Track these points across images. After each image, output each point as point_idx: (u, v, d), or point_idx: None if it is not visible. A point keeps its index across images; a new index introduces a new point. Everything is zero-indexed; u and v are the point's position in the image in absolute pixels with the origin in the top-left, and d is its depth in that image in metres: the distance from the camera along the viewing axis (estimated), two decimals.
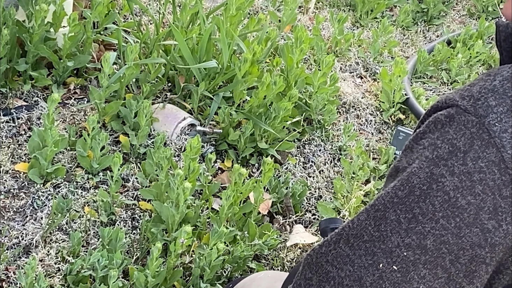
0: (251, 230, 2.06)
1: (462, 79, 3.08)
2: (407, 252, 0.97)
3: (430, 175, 0.96)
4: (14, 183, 2.05)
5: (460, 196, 0.95)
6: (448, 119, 0.97)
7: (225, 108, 2.37)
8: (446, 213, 0.95)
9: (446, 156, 0.96)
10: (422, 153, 0.98)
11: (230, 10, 2.48)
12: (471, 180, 0.94)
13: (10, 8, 2.23)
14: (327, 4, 3.42)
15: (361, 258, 1.00)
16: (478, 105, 0.96)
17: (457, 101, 0.98)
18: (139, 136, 2.23)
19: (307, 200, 2.34)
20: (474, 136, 0.95)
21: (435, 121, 0.99)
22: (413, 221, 0.97)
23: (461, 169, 0.95)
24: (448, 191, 0.95)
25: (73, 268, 1.82)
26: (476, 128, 0.95)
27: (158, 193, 2.05)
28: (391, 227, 0.98)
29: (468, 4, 3.77)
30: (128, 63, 2.26)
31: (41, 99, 2.31)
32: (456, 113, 0.97)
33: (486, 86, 0.98)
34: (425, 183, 0.97)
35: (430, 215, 0.96)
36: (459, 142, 0.95)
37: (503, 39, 1.06)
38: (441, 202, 0.95)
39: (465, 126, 0.96)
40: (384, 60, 3.10)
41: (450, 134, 0.96)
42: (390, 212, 0.98)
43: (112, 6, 2.60)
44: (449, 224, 0.95)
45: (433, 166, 0.97)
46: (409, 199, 0.97)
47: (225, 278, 1.97)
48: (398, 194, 0.99)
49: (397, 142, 2.58)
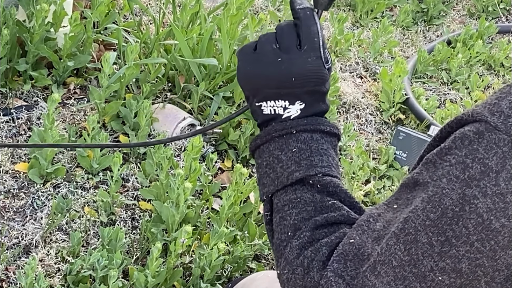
0: (251, 230, 2.06)
1: (462, 79, 3.08)
2: (442, 277, 0.94)
3: (462, 196, 0.93)
4: (14, 183, 2.05)
5: (494, 218, 0.92)
6: (477, 136, 0.94)
7: (225, 108, 2.37)
8: (480, 236, 0.92)
9: (478, 176, 0.93)
10: (449, 171, 0.95)
11: (231, 9, 2.48)
12: (504, 201, 0.92)
13: (11, 8, 2.23)
14: None
15: (389, 284, 0.96)
16: (509, 122, 0.93)
17: (487, 116, 0.94)
18: (139, 136, 2.23)
19: None
20: (506, 156, 0.92)
21: (462, 137, 0.95)
22: (446, 244, 0.94)
23: (494, 190, 0.92)
24: (482, 213, 0.92)
25: (73, 268, 1.82)
26: (508, 147, 0.92)
27: (158, 193, 2.05)
28: (423, 250, 0.94)
29: (468, 4, 3.77)
30: (128, 63, 2.26)
31: (41, 99, 2.31)
32: (486, 130, 0.94)
33: None
34: (457, 205, 0.93)
35: (465, 238, 0.93)
36: (491, 162, 0.92)
37: None
38: (474, 225, 0.92)
39: (496, 145, 0.93)
40: (384, 60, 3.10)
41: (480, 153, 0.93)
42: (421, 235, 0.95)
43: (112, 6, 2.60)
44: (483, 247, 0.93)
45: (465, 187, 0.93)
46: (441, 221, 0.94)
47: (225, 278, 1.97)
48: (430, 216, 0.95)
49: (397, 142, 2.58)
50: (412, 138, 2.56)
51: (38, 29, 2.23)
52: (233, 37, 2.45)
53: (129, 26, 2.63)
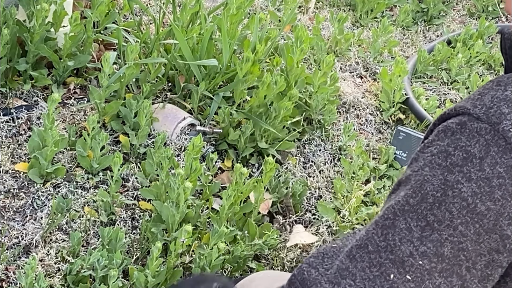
0: (251, 230, 2.06)
1: (462, 79, 3.08)
2: (422, 261, 0.95)
3: (444, 181, 0.95)
4: (14, 183, 2.05)
5: (480, 202, 0.93)
6: (460, 127, 0.97)
7: (225, 108, 2.37)
8: (465, 219, 0.94)
9: (460, 162, 0.95)
10: (431, 160, 0.97)
11: (231, 9, 2.48)
12: (490, 185, 0.94)
13: (11, 7, 2.23)
14: (327, 4, 3.42)
15: (364, 270, 0.96)
16: (490, 113, 0.95)
17: (469, 109, 0.97)
18: (139, 136, 2.23)
19: (307, 200, 2.34)
20: (489, 143, 0.94)
21: (445, 130, 0.98)
22: (427, 229, 0.95)
23: (479, 174, 0.94)
24: (466, 197, 0.94)
25: (73, 268, 1.82)
26: (490, 135, 0.94)
27: (158, 193, 2.05)
28: (400, 236, 0.96)
29: (468, 4, 3.77)
30: (128, 63, 2.26)
31: (41, 99, 2.31)
32: (468, 120, 0.96)
33: (498, 96, 0.97)
34: (439, 190, 0.95)
35: (448, 222, 0.94)
36: (473, 149, 0.95)
37: (509, 46, 1.06)
38: (459, 209, 0.94)
39: (478, 133, 0.95)
40: (384, 60, 3.10)
41: (463, 141, 0.96)
42: (400, 221, 0.96)
43: (113, 6, 2.60)
44: (468, 230, 0.94)
45: (447, 173, 0.95)
46: (421, 206, 0.95)
47: None
48: (409, 201, 0.96)
49: (397, 142, 2.59)
50: (412, 138, 2.56)
51: (38, 29, 2.24)
52: (233, 37, 2.45)
53: (129, 26, 2.63)
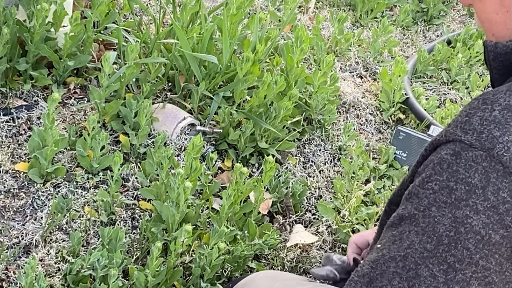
0: (251, 230, 2.06)
1: (462, 79, 3.08)
2: None
3: (454, 219, 0.94)
4: (14, 182, 2.05)
5: (492, 232, 0.93)
6: (455, 157, 0.95)
7: (225, 108, 2.37)
8: (483, 253, 0.93)
9: (465, 196, 0.93)
10: (435, 198, 0.95)
11: (231, 9, 2.48)
12: (498, 213, 0.93)
13: (11, 7, 2.23)
14: (327, 4, 3.42)
15: None
16: (483, 138, 0.94)
17: (460, 136, 0.95)
18: (139, 136, 2.23)
19: (307, 200, 2.34)
20: (487, 170, 0.93)
21: (440, 162, 0.96)
22: (450, 272, 0.93)
23: (485, 204, 0.93)
24: (479, 230, 0.93)
25: (73, 268, 1.82)
26: (487, 162, 0.93)
27: (158, 193, 2.05)
28: (426, 284, 0.94)
29: None
30: (128, 62, 2.26)
31: (41, 99, 2.31)
32: (461, 149, 0.95)
33: (487, 117, 0.95)
34: (451, 229, 0.94)
35: (468, 260, 0.93)
36: (474, 180, 0.93)
37: (492, 58, 1.05)
38: (474, 244, 0.93)
39: (474, 162, 0.94)
40: (384, 60, 3.10)
41: (461, 173, 0.94)
42: (422, 269, 0.94)
43: (113, 6, 2.60)
44: (489, 263, 0.93)
45: (454, 209, 0.94)
46: (439, 249, 0.94)
47: (225, 278, 1.97)
48: (426, 247, 0.95)
49: (397, 142, 2.59)
50: (412, 138, 2.56)
51: (38, 28, 2.24)
52: (233, 37, 2.45)
53: (129, 26, 2.63)
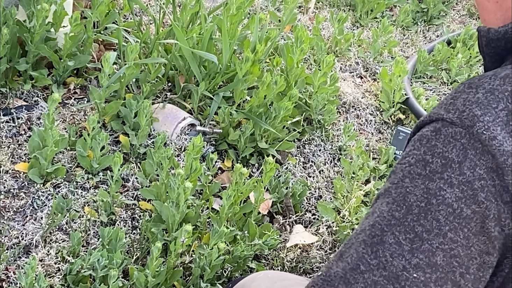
0: (251, 230, 2.06)
1: (462, 79, 3.08)
2: (417, 273, 0.94)
3: (427, 190, 0.94)
4: (14, 183, 2.05)
5: (465, 206, 0.93)
6: (435, 133, 0.96)
7: (225, 108, 2.37)
8: (453, 225, 0.93)
9: (440, 169, 0.94)
10: (410, 170, 0.96)
11: (231, 9, 2.48)
12: (472, 188, 0.93)
13: (11, 7, 2.23)
14: (327, 4, 3.42)
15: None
16: (463, 116, 0.95)
17: (442, 114, 0.97)
18: (139, 136, 2.23)
19: (307, 200, 2.34)
20: (466, 147, 0.94)
21: (420, 138, 0.98)
22: (416, 240, 0.94)
23: (460, 179, 0.93)
24: (451, 202, 0.93)
25: (73, 268, 1.82)
26: (466, 139, 0.94)
27: (158, 193, 2.05)
28: (391, 251, 0.95)
29: (468, 4, 3.77)
30: (128, 63, 2.26)
31: (41, 99, 2.31)
32: (442, 126, 0.96)
33: (470, 98, 0.96)
34: (422, 200, 0.94)
35: (436, 230, 0.93)
36: (451, 154, 0.94)
37: (485, 44, 1.06)
38: (445, 215, 0.93)
39: (453, 138, 0.95)
40: (384, 60, 3.10)
41: (439, 147, 0.95)
42: (388, 236, 0.95)
43: (113, 6, 2.60)
44: (457, 236, 0.93)
45: (428, 181, 0.95)
46: (407, 218, 0.95)
47: (225, 278, 1.97)
48: (395, 215, 0.95)
49: (397, 142, 2.59)
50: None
51: (38, 29, 2.24)
52: (233, 37, 2.45)
53: (129, 26, 2.63)
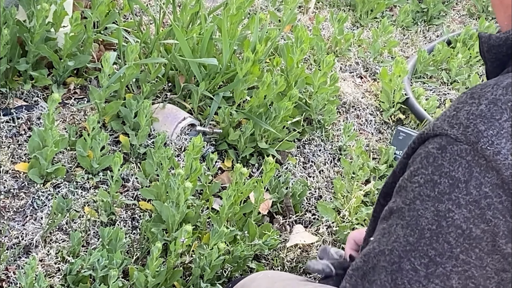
0: (251, 230, 2.06)
1: (462, 79, 3.08)
2: None
3: (436, 212, 0.94)
4: (14, 183, 2.05)
5: (473, 226, 0.93)
6: (440, 151, 0.96)
7: (225, 108, 2.37)
8: (464, 247, 0.93)
9: (448, 189, 0.94)
10: (420, 192, 0.96)
11: (231, 9, 2.48)
12: (479, 207, 0.93)
13: (11, 7, 2.23)
14: (327, 4, 3.42)
15: None
16: (468, 132, 0.94)
17: (446, 130, 0.96)
18: (139, 136, 2.23)
19: (307, 200, 2.34)
20: (471, 164, 0.94)
21: (427, 156, 0.97)
22: (431, 265, 0.94)
23: (467, 199, 0.93)
24: (460, 224, 0.93)
25: (73, 268, 1.82)
26: (471, 156, 0.94)
27: (158, 193, 2.05)
28: (408, 277, 0.95)
29: (468, 4, 3.77)
30: (128, 63, 2.26)
31: (41, 99, 2.31)
32: (447, 143, 0.96)
33: (473, 111, 0.96)
34: (433, 222, 0.94)
35: (448, 253, 0.94)
36: (457, 174, 0.94)
37: (486, 50, 1.05)
38: (455, 237, 0.93)
39: (459, 156, 0.94)
40: (384, 60, 3.10)
41: (446, 167, 0.95)
42: (404, 262, 0.95)
43: (113, 6, 2.60)
44: (469, 257, 0.93)
45: (437, 203, 0.94)
46: (420, 243, 0.95)
47: (225, 278, 1.97)
48: (409, 240, 0.96)
49: (397, 142, 2.59)
50: (411, 138, 2.56)
51: (38, 29, 2.24)
52: (233, 37, 2.45)
53: (129, 26, 2.63)
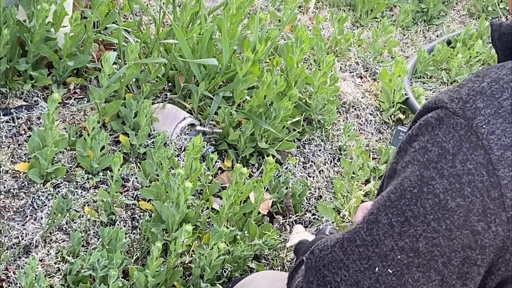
0: (251, 230, 2.06)
1: (462, 79, 3.07)
2: (401, 255, 0.98)
3: (420, 177, 0.97)
4: (14, 183, 2.05)
5: (450, 198, 0.95)
6: (438, 122, 0.98)
7: (225, 108, 2.37)
8: (437, 216, 0.96)
9: (436, 158, 0.96)
10: (414, 156, 0.99)
11: (231, 9, 2.48)
12: (460, 182, 0.95)
13: (11, 7, 2.23)
14: (327, 4, 3.42)
15: (355, 263, 1.01)
16: (466, 107, 0.96)
17: (446, 103, 0.98)
18: (139, 136, 2.23)
19: (307, 200, 2.34)
20: (462, 139, 0.95)
21: (426, 124, 1.00)
22: (405, 224, 0.97)
23: (450, 171, 0.95)
24: (438, 193, 0.96)
25: (73, 268, 1.82)
26: (464, 131, 0.95)
27: (158, 193, 2.05)
28: (384, 230, 0.99)
29: (468, 4, 3.77)
30: (128, 63, 2.26)
31: (41, 99, 2.31)
32: (445, 115, 0.98)
33: (475, 88, 0.98)
34: (415, 186, 0.97)
35: (422, 218, 0.96)
36: (448, 145, 0.96)
37: (497, 38, 1.07)
38: (431, 205, 0.96)
39: (453, 129, 0.96)
40: (384, 60, 3.10)
41: (440, 137, 0.97)
42: (382, 216, 0.99)
43: (113, 6, 2.60)
44: (440, 226, 0.96)
45: (423, 169, 0.97)
46: (400, 202, 0.98)
47: (225, 278, 1.97)
48: (390, 197, 0.99)
49: (397, 142, 2.58)
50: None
51: (38, 29, 2.24)
52: (233, 37, 2.45)
53: (129, 26, 2.63)
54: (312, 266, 1.07)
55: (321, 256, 1.06)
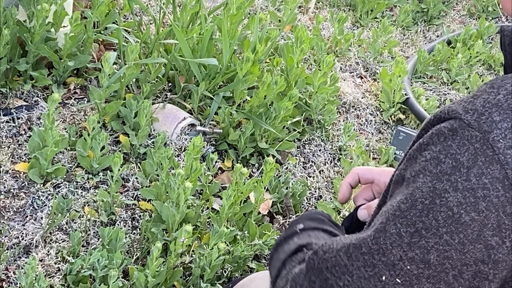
0: (251, 230, 2.06)
1: (462, 79, 3.08)
2: (411, 266, 0.97)
3: (433, 189, 0.96)
4: (14, 183, 2.05)
5: (464, 212, 0.94)
6: (451, 133, 0.96)
7: (225, 108, 2.37)
8: (450, 229, 0.95)
9: (449, 170, 0.95)
10: (425, 166, 0.98)
11: (231, 9, 2.48)
12: (474, 196, 0.93)
13: (11, 7, 2.23)
14: (327, 4, 3.42)
15: (359, 269, 1.00)
16: (482, 120, 0.95)
17: (461, 114, 0.96)
18: (139, 136, 2.23)
19: (307, 200, 2.34)
20: (478, 152, 0.94)
21: (438, 134, 0.98)
22: (415, 235, 0.96)
23: (465, 184, 0.94)
24: (452, 206, 0.94)
25: (73, 268, 1.82)
26: (480, 144, 0.94)
27: (158, 193, 2.05)
28: (391, 240, 0.98)
29: (468, 4, 3.77)
30: (128, 63, 2.26)
31: (41, 99, 2.31)
32: (459, 127, 0.96)
33: (490, 100, 0.96)
34: (427, 197, 0.96)
35: (434, 230, 0.95)
36: (462, 158, 0.95)
37: (508, 43, 1.06)
38: (444, 218, 0.95)
39: (468, 141, 0.95)
40: (384, 60, 3.10)
41: (453, 148, 0.96)
42: (390, 225, 0.98)
43: (113, 6, 2.60)
44: (452, 240, 0.95)
45: (436, 181, 0.96)
46: (410, 212, 0.97)
47: (225, 278, 1.97)
48: (400, 207, 0.98)
49: (397, 142, 2.59)
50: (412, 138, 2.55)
51: (38, 29, 2.24)
52: (233, 37, 2.45)
53: (129, 26, 2.63)
54: (314, 266, 1.06)
55: (325, 258, 1.04)
